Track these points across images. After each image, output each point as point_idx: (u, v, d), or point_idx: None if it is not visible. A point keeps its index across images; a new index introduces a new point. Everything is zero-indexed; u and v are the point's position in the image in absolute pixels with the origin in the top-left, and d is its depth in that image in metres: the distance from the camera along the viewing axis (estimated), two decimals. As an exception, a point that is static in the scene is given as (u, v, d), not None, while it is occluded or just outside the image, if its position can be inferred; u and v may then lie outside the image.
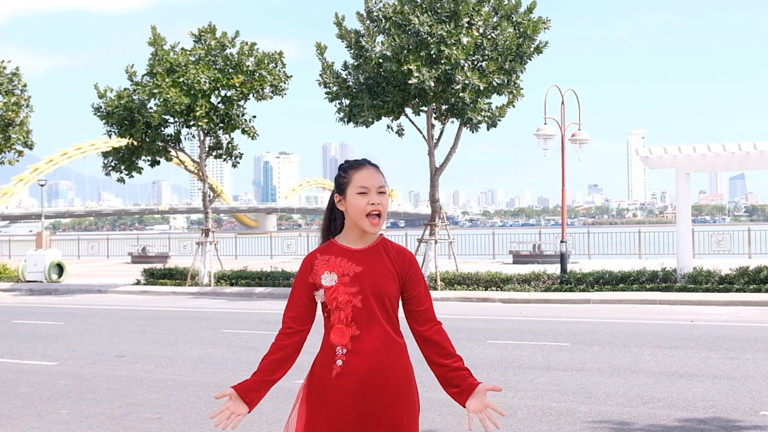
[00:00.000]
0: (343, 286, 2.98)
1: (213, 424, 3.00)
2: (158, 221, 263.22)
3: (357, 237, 3.06)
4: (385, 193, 3.05)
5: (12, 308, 17.82)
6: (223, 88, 20.99)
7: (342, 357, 2.98)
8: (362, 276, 2.98)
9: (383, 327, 2.99)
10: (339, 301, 2.98)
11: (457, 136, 19.80)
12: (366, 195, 3.00)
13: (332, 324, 3.01)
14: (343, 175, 3.07)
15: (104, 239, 43.46)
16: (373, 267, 3.01)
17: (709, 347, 10.16)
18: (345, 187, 3.05)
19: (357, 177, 3.03)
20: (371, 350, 2.96)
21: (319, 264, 3.04)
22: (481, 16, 17.92)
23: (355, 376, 2.95)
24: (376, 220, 3.02)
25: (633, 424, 6.42)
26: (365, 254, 3.04)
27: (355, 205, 3.00)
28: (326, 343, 3.05)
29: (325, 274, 3.01)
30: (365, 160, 3.11)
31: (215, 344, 11.31)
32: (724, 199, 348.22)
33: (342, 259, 3.02)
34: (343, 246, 3.06)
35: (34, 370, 9.48)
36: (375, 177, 3.03)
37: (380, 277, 3.00)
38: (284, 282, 20.61)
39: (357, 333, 2.97)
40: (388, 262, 3.04)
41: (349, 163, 3.12)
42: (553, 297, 16.85)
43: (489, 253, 32.84)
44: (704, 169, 18.11)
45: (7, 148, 24.43)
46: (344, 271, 3.00)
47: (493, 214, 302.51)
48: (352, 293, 2.97)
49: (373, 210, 3.00)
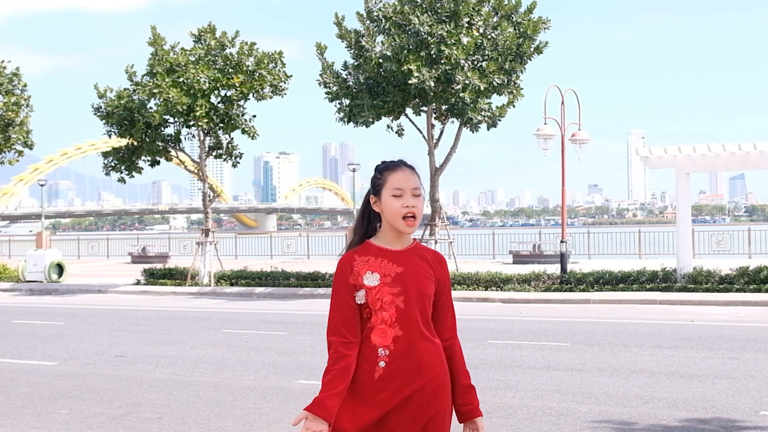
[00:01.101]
0: (386, 287, 2.97)
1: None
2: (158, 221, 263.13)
3: (394, 238, 3.06)
4: (420, 195, 3.04)
5: (12, 308, 17.82)
6: (223, 88, 20.99)
7: (384, 358, 2.96)
8: (404, 276, 2.99)
9: (422, 327, 3.00)
10: (383, 302, 2.96)
11: (457, 136, 19.81)
12: (401, 197, 2.99)
13: (374, 326, 2.98)
14: (378, 176, 3.07)
15: (104, 239, 43.47)
16: (414, 268, 3.02)
17: (709, 347, 10.15)
18: (380, 188, 3.04)
19: (392, 179, 3.02)
20: (413, 351, 2.97)
21: (359, 265, 3.01)
22: (481, 16, 17.93)
23: (398, 377, 2.95)
24: (412, 221, 3.01)
25: (633, 424, 6.42)
26: (405, 255, 3.04)
27: (389, 207, 3.00)
28: (366, 346, 2.98)
29: (368, 274, 2.98)
30: (401, 161, 3.10)
31: (215, 344, 11.31)
32: (724, 199, 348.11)
33: (382, 260, 3.01)
34: (380, 247, 3.05)
35: (34, 370, 9.48)
36: (410, 179, 3.03)
37: (421, 278, 3.01)
38: (284, 282, 20.62)
39: (400, 334, 2.96)
40: (426, 264, 3.06)
41: (385, 164, 3.10)
42: (553, 297, 16.85)
43: (489, 253, 32.84)
44: (704, 169, 18.11)
45: (7, 148, 24.43)
46: (386, 271, 2.99)
47: (493, 214, 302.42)
48: (395, 293, 2.97)
49: (408, 213, 3.00)
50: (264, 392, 7.87)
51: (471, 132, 19.18)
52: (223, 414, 7.01)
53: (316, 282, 20.26)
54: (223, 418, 6.85)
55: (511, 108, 19.15)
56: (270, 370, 9.10)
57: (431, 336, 3.03)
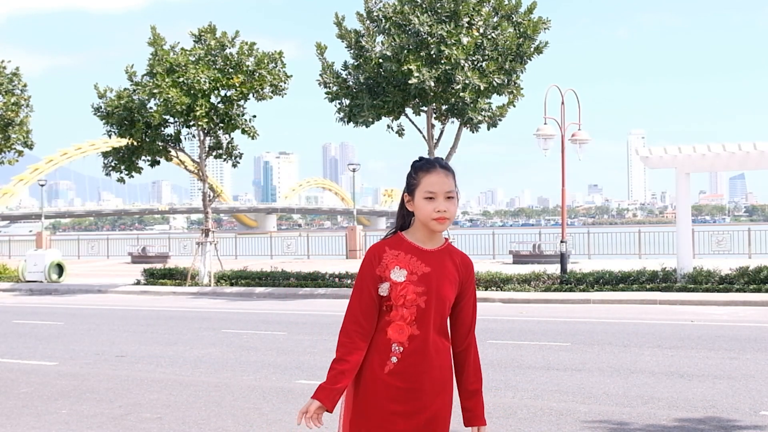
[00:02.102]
0: (412, 285, 2.98)
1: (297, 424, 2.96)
2: (158, 221, 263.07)
3: (426, 237, 3.06)
4: (453, 198, 3.03)
5: (12, 308, 17.82)
6: (223, 88, 20.99)
7: (398, 354, 2.98)
8: (430, 277, 3.00)
9: (437, 329, 3.02)
10: (406, 299, 2.98)
11: (457, 136, 19.80)
12: (433, 200, 3.00)
13: (392, 320, 2.99)
14: (413, 176, 3.06)
15: (104, 239, 43.44)
16: (441, 270, 3.03)
17: (709, 347, 10.15)
18: (414, 188, 3.04)
19: (426, 181, 3.02)
20: (426, 351, 2.99)
21: (389, 258, 3.02)
22: (481, 16, 17.92)
23: (408, 374, 2.97)
24: (444, 220, 3.02)
25: (633, 424, 6.42)
26: (435, 256, 3.05)
27: (421, 209, 3.01)
28: (381, 338, 3.01)
29: (396, 269, 2.99)
30: (437, 161, 3.08)
31: (215, 344, 11.31)
32: (724, 199, 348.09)
33: (412, 257, 3.02)
34: (413, 244, 3.05)
35: (34, 370, 9.48)
36: (444, 182, 3.02)
37: (445, 281, 3.02)
38: (284, 282, 20.62)
39: (417, 333, 2.98)
40: (453, 268, 3.06)
41: (421, 162, 3.09)
42: (553, 297, 16.85)
43: (489, 253, 32.83)
44: (704, 169, 18.11)
45: (7, 148, 24.42)
46: (414, 269, 3.00)
47: (493, 214, 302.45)
48: (418, 293, 2.98)
49: (439, 217, 3.00)
50: (264, 392, 7.87)
51: (471, 132, 19.17)
52: (223, 414, 7.01)
53: (316, 282, 20.26)
54: (223, 418, 6.85)
55: (511, 108, 19.14)
56: (270, 370, 9.09)
57: (443, 339, 3.05)
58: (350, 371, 2.96)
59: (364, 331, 2.98)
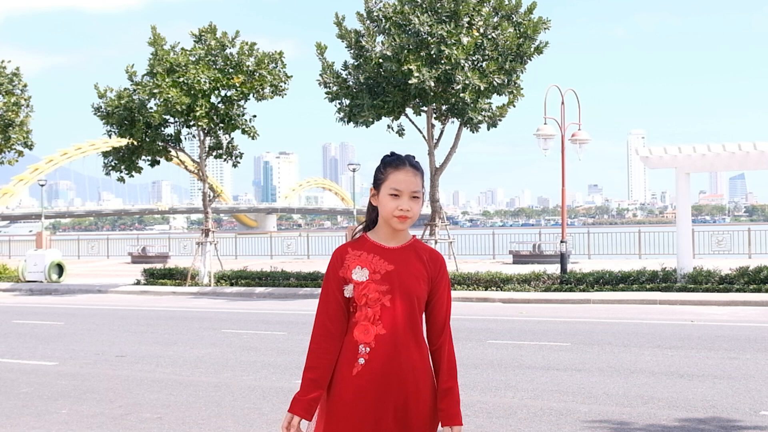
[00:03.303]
0: (374, 284, 2.94)
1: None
2: (158, 221, 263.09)
3: (389, 235, 3.03)
4: (418, 198, 2.99)
5: (12, 308, 17.82)
6: (223, 88, 20.99)
7: (365, 355, 2.93)
8: (393, 275, 2.95)
9: (407, 328, 2.96)
10: (369, 299, 2.94)
11: (457, 136, 19.81)
12: (398, 198, 2.96)
13: (357, 321, 2.96)
14: (382, 170, 3.02)
15: (104, 239, 43.44)
16: (405, 267, 2.98)
17: (709, 347, 10.15)
18: (380, 183, 3.01)
19: (393, 177, 2.98)
20: (394, 351, 2.93)
21: (351, 258, 2.99)
22: (481, 16, 17.92)
23: (375, 375, 2.92)
24: (405, 219, 2.97)
25: (633, 424, 6.42)
26: (398, 253, 3.00)
27: (385, 205, 2.98)
28: (348, 340, 2.98)
29: (357, 269, 2.96)
30: (407, 158, 3.04)
31: (215, 344, 11.31)
32: (724, 199, 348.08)
33: (374, 256, 2.98)
34: (375, 243, 3.02)
35: (34, 370, 9.48)
36: (411, 181, 2.97)
37: (411, 278, 2.97)
38: (284, 282, 20.62)
39: (383, 332, 2.93)
40: (420, 264, 3.00)
41: (391, 158, 3.04)
42: (553, 297, 16.85)
43: (489, 253, 32.83)
44: (704, 169, 18.11)
45: (7, 148, 24.41)
46: (376, 268, 2.96)
47: (493, 214, 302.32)
48: (382, 291, 2.94)
49: (401, 216, 2.96)
50: (264, 392, 7.87)
51: (471, 132, 19.18)
52: (223, 414, 7.01)
53: (316, 282, 20.25)
54: (223, 418, 6.85)
55: (511, 108, 19.15)
56: (270, 370, 9.09)
57: (416, 338, 2.98)
58: (322, 378, 2.93)
59: (331, 334, 2.95)
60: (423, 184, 3.04)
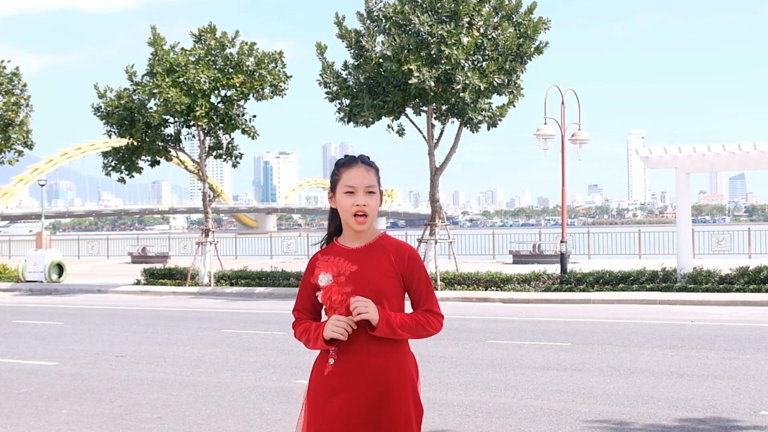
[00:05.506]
0: (337, 286, 2.96)
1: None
2: (158, 221, 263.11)
3: (353, 236, 3.04)
4: (374, 192, 3.00)
5: (12, 308, 17.82)
6: (223, 88, 20.99)
7: (334, 356, 2.96)
8: (357, 275, 2.96)
9: None
10: (333, 301, 2.96)
11: (457, 136, 19.80)
12: (353, 195, 2.97)
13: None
14: (335, 172, 3.05)
15: (104, 239, 43.44)
16: (370, 266, 2.97)
17: (709, 347, 10.15)
18: (336, 184, 3.03)
19: (346, 175, 3.00)
20: (362, 350, 2.94)
21: (320, 264, 3.04)
22: (481, 16, 17.92)
23: (345, 375, 2.93)
24: (363, 219, 2.98)
25: (633, 424, 6.42)
26: (362, 253, 3.01)
27: (341, 204, 3.00)
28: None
29: (322, 274, 3.00)
30: (360, 157, 3.06)
31: (215, 344, 11.31)
32: (724, 199, 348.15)
33: (340, 259, 3.00)
34: (342, 246, 3.05)
35: (34, 370, 9.48)
36: (364, 176, 2.98)
37: (377, 276, 2.96)
38: (284, 282, 20.61)
39: (350, 332, 2.95)
40: (387, 261, 2.99)
41: (344, 160, 3.07)
42: (553, 297, 16.85)
43: (489, 253, 32.84)
44: (704, 169, 18.11)
45: (7, 148, 24.42)
46: (340, 270, 2.98)
47: (493, 214, 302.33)
48: (346, 293, 2.94)
49: (358, 211, 2.96)
50: (264, 392, 7.87)
51: (471, 132, 19.17)
52: (223, 414, 7.01)
53: (316, 282, 20.23)
54: (223, 418, 6.85)
55: (511, 108, 19.15)
56: (270, 370, 9.09)
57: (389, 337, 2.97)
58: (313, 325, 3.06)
59: (303, 317, 3.14)
60: (378, 180, 3.04)
